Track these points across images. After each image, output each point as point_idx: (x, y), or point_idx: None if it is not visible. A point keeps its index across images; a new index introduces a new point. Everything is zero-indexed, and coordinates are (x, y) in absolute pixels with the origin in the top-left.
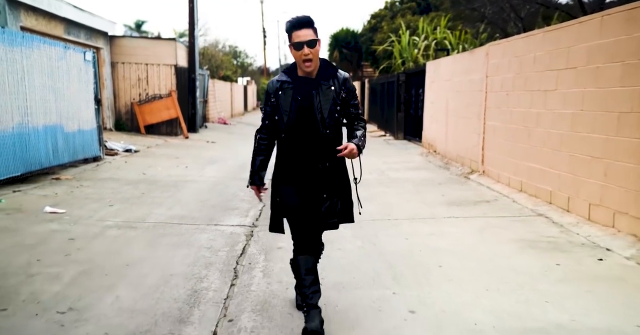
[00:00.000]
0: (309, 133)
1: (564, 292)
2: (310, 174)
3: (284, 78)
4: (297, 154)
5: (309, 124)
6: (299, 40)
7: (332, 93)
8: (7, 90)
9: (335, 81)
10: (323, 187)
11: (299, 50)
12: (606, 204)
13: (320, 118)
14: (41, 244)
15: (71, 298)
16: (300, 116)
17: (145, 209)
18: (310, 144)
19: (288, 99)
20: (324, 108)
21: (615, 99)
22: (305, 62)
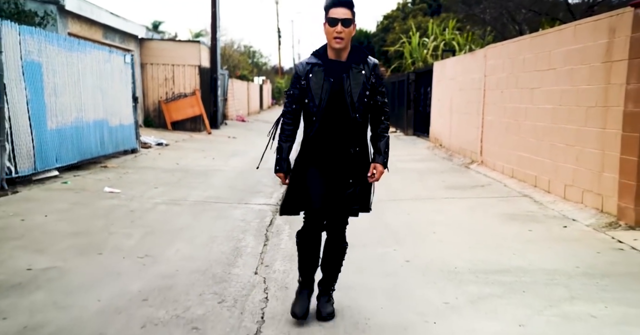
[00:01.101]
0: (339, 117)
1: (529, 248)
2: (340, 158)
3: (314, 60)
4: (328, 138)
5: (339, 108)
6: (334, 16)
7: (362, 77)
8: (67, 90)
9: (366, 66)
10: (350, 172)
11: (333, 27)
12: (577, 184)
13: (350, 102)
14: (110, 214)
15: (144, 249)
16: (332, 99)
17: (184, 191)
18: (341, 128)
19: (320, 81)
20: (354, 92)
21: (584, 95)
22: (336, 39)
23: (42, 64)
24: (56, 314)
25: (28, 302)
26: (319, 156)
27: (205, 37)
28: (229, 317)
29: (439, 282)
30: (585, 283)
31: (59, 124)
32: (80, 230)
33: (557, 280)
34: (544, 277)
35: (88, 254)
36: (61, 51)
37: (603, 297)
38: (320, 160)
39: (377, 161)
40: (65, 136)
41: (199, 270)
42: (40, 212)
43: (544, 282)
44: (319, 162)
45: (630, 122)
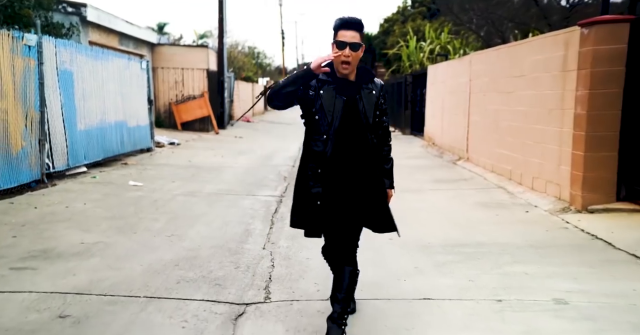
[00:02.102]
0: (353, 137)
1: (492, 229)
2: (357, 178)
3: (323, 77)
4: (343, 158)
5: (355, 129)
6: (343, 39)
7: (374, 97)
8: (93, 95)
9: (374, 86)
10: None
11: (341, 50)
12: (542, 176)
13: (366, 123)
14: (137, 203)
15: (170, 230)
16: (345, 119)
17: (198, 185)
18: (356, 148)
19: (332, 98)
20: (368, 113)
21: (547, 99)
22: (343, 64)
23: (74, 72)
24: (111, 273)
25: (88, 265)
26: (330, 177)
27: (210, 39)
28: (244, 278)
29: (414, 254)
30: (528, 252)
31: (87, 126)
32: (115, 215)
33: (507, 251)
34: (497, 248)
35: (125, 233)
36: (88, 60)
37: (539, 261)
38: (330, 180)
39: (387, 186)
40: (91, 136)
41: (217, 246)
42: (79, 200)
43: (496, 252)
44: (327, 183)
45: (579, 123)
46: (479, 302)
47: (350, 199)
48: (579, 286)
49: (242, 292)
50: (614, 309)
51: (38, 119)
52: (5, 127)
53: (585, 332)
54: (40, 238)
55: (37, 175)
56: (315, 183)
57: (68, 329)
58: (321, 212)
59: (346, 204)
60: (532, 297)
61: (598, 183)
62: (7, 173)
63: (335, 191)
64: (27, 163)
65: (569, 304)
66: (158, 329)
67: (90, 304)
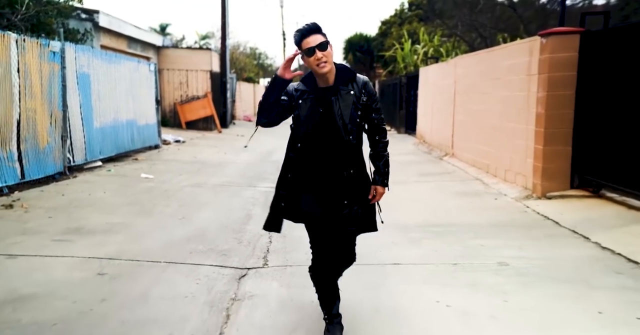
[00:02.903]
0: (330, 140)
1: (464, 213)
2: (333, 181)
3: (302, 87)
4: (318, 162)
5: (330, 132)
6: (308, 46)
7: (352, 98)
8: (107, 95)
9: (355, 85)
10: (344, 193)
11: (311, 56)
12: (512, 169)
13: (342, 124)
14: (150, 192)
15: (180, 214)
16: (321, 124)
17: (203, 178)
18: (333, 151)
19: (308, 110)
20: (344, 114)
21: (517, 100)
22: (320, 65)
23: (90, 75)
24: (134, 245)
25: (115, 239)
26: (310, 180)
27: (212, 40)
28: (245, 250)
29: (393, 233)
30: (488, 230)
31: (102, 123)
32: (131, 202)
33: (471, 229)
34: (464, 228)
35: (142, 216)
36: (103, 63)
37: (495, 236)
38: (312, 183)
39: (377, 183)
40: (106, 133)
41: (222, 226)
42: (99, 190)
43: (461, 231)
44: (310, 186)
45: (539, 121)
46: (438, 265)
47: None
48: (521, 253)
49: (244, 260)
50: (543, 268)
51: (61, 118)
52: (34, 125)
53: (515, 284)
54: (71, 219)
55: (60, 168)
56: (282, 187)
57: (107, 283)
58: (282, 212)
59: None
60: (481, 262)
61: (555, 173)
62: (36, 165)
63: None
64: (52, 157)
65: (509, 266)
66: (177, 284)
67: (121, 266)
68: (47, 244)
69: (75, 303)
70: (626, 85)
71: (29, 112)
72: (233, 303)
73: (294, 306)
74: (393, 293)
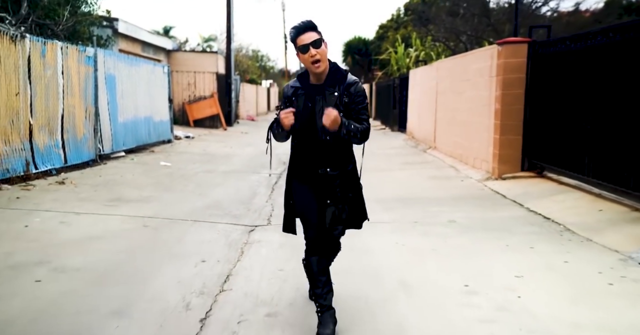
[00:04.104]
0: (310, 139)
1: (433, 190)
2: (313, 178)
3: (296, 84)
4: (303, 158)
5: (311, 130)
6: (303, 43)
7: (334, 99)
8: (129, 94)
9: (341, 86)
10: (326, 192)
11: (306, 53)
12: (479, 157)
13: (321, 124)
14: (170, 175)
15: (198, 191)
16: (304, 122)
17: (214, 166)
18: (312, 149)
19: (301, 105)
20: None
21: (483, 98)
22: (314, 63)
23: (116, 76)
24: (165, 210)
25: (149, 206)
26: (301, 173)
27: (215, 42)
28: (253, 215)
29: (371, 203)
30: (448, 201)
31: (124, 119)
32: (156, 182)
33: (435, 201)
34: (430, 200)
35: (167, 191)
36: (125, 66)
37: (452, 205)
38: (303, 176)
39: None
40: (127, 127)
41: (233, 199)
42: (127, 173)
43: (428, 202)
44: (303, 178)
45: (497, 115)
46: (402, 223)
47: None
48: (468, 215)
49: (252, 221)
50: (480, 223)
51: (93, 113)
52: (74, 118)
53: (456, 233)
54: (112, 192)
55: (93, 156)
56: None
57: (151, 231)
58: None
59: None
60: (436, 220)
61: (509, 158)
62: (75, 152)
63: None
64: (87, 146)
65: (455, 222)
66: (203, 233)
67: (159, 222)
68: (100, 207)
69: (132, 241)
70: (562, 85)
71: (69, 107)
72: (245, 245)
73: (289, 246)
74: (365, 239)
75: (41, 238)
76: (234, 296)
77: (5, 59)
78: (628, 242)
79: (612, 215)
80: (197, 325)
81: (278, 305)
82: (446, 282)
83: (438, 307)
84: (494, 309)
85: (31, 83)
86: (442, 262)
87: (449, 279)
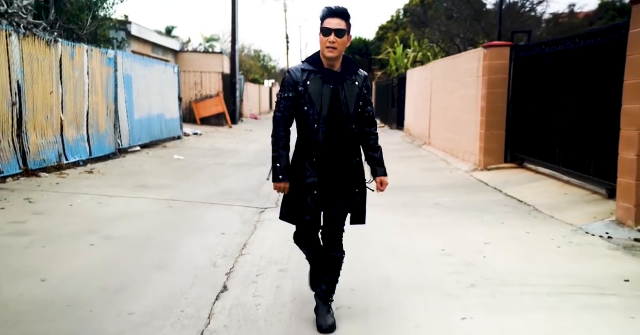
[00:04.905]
0: (337, 127)
1: (425, 180)
2: (343, 169)
3: (309, 67)
4: (330, 147)
5: (337, 119)
6: (328, 26)
7: (356, 88)
8: (143, 93)
9: (358, 77)
10: (353, 182)
11: (326, 36)
12: (468, 150)
13: (347, 113)
14: (184, 167)
15: (211, 180)
16: (331, 107)
17: (223, 159)
18: (340, 138)
19: (319, 88)
20: (349, 103)
21: (470, 96)
22: (329, 48)
23: (132, 76)
24: (184, 195)
25: (169, 192)
26: (321, 165)
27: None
28: (262, 199)
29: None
30: (436, 188)
31: (140, 116)
32: (172, 172)
33: (425, 188)
34: (420, 187)
35: (183, 180)
36: (140, 67)
37: (439, 191)
38: (322, 169)
39: (380, 174)
40: (142, 124)
41: (244, 187)
42: (146, 165)
43: (418, 189)
44: (320, 172)
45: (482, 112)
46: (394, 206)
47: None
48: (452, 199)
49: (262, 204)
50: (462, 205)
51: (113, 110)
52: (97, 115)
53: (439, 212)
54: (136, 180)
55: (113, 149)
56: (312, 173)
57: (175, 211)
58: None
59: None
60: (423, 203)
61: (493, 151)
62: (98, 146)
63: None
64: (108, 140)
65: (440, 205)
66: (220, 213)
67: (181, 204)
68: (128, 192)
69: (160, 218)
70: (538, 85)
71: (93, 105)
72: (257, 222)
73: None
74: None
75: (85, 214)
76: (251, 258)
77: (41, 61)
78: (581, 217)
79: (574, 197)
80: (223, 277)
81: (287, 264)
82: (427, 248)
83: (418, 265)
84: (462, 265)
85: (62, 82)
86: (425, 234)
87: (429, 246)
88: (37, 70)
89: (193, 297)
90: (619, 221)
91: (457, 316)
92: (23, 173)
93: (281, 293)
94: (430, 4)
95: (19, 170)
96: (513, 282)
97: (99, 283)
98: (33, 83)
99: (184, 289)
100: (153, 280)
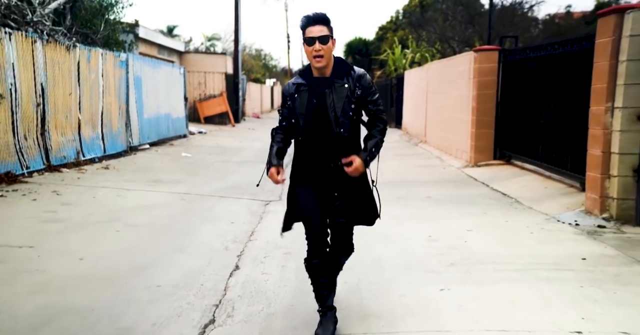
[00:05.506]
0: (323, 132)
1: (420, 176)
2: (323, 172)
3: (299, 81)
4: (312, 153)
5: (323, 124)
6: (311, 35)
7: (345, 91)
8: (152, 94)
9: (350, 79)
10: (334, 185)
11: (311, 46)
12: (460, 148)
13: (334, 116)
14: (192, 164)
15: (218, 176)
16: (315, 117)
17: (228, 157)
18: (324, 143)
19: (304, 102)
20: (337, 106)
21: (463, 97)
22: (316, 58)
23: (142, 78)
24: (195, 189)
25: (180, 187)
26: (307, 172)
27: (219, 41)
28: (267, 193)
29: None
30: (429, 183)
31: (149, 115)
32: (182, 169)
33: (418, 183)
34: (413, 182)
35: (193, 176)
36: (149, 68)
37: (431, 186)
38: (308, 175)
39: (360, 156)
40: (151, 123)
41: (249, 183)
42: (156, 161)
43: (411, 184)
44: (307, 178)
45: (473, 112)
46: (388, 199)
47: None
48: (443, 192)
49: (267, 197)
50: (451, 199)
51: (124, 110)
52: (110, 114)
53: (430, 204)
54: (149, 175)
55: (125, 147)
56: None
57: (188, 202)
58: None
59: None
60: (416, 197)
61: (483, 149)
62: (111, 143)
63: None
64: (120, 139)
65: (431, 198)
66: (228, 205)
67: (193, 197)
68: (143, 186)
69: (175, 209)
70: (524, 87)
71: (107, 105)
72: (263, 213)
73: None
74: None
75: (107, 205)
76: (259, 243)
77: (62, 65)
78: (556, 208)
79: (553, 191)
80: (235, 259)
81: (292, 248)
82: (415, 234)
83: (407, 248)
84: (446, 248)
85: (80, 85)
86: (415, 223)
87: (418, 233)
88: (58, 74)
89: (210, 274)
90: (587, 211)
91: (437, 288)
92: (46, 169)
93: (286, 271)
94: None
95: (43, 166)
96: (487, 261)
97: (128, 262)
98: (55, 85)
99: (202, 268)
100: (175, 260)
